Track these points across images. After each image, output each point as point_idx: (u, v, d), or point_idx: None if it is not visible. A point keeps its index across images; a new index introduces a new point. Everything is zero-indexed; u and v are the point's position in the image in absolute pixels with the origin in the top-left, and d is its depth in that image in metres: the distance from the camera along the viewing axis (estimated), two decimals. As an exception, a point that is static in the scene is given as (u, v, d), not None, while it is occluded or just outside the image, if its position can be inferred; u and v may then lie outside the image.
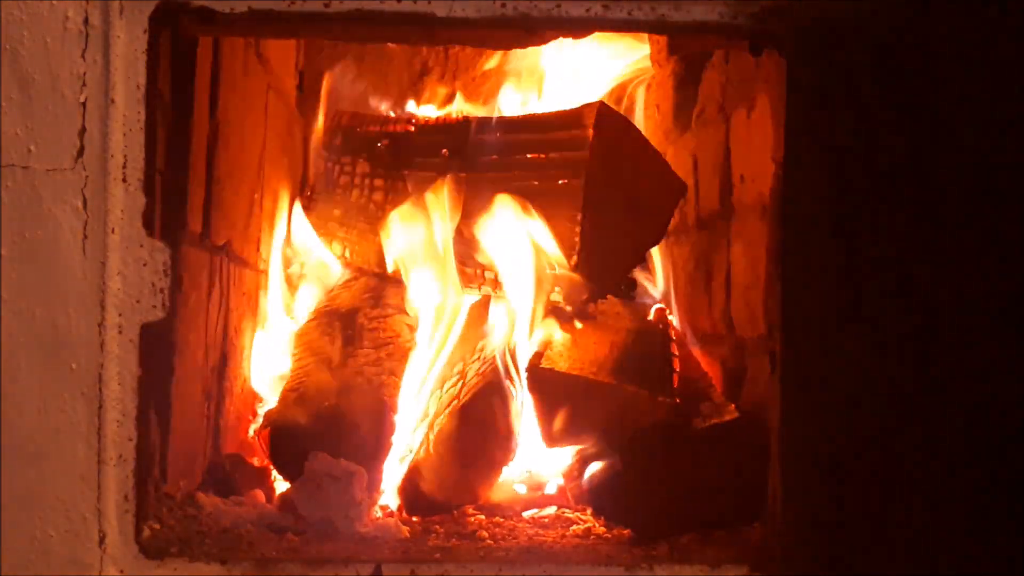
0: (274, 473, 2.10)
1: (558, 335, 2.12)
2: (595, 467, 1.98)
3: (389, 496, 2.03)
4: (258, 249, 2.37)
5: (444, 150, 2.28)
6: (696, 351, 2.36)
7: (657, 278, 2.47)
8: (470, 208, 2.21)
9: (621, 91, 2.77)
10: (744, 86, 2.13)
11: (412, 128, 2.39)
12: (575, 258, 2.14)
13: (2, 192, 1.58)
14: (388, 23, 1.63)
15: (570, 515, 1.98)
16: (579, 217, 2.13)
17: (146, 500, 1.64)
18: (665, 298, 2.43)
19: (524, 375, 2.08)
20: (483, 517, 1.97)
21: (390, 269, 2.29)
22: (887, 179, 1.61)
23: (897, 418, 1.62)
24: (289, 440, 2.02)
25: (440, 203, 2.21)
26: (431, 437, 2.01)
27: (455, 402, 2.04)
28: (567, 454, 2.09)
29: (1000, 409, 1.62)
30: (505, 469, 2.07)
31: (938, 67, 1.61)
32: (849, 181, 1.61)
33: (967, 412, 1.62)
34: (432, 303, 2.26)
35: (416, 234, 2.25)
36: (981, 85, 1.61)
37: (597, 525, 1.91)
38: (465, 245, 2.24)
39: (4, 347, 1.58)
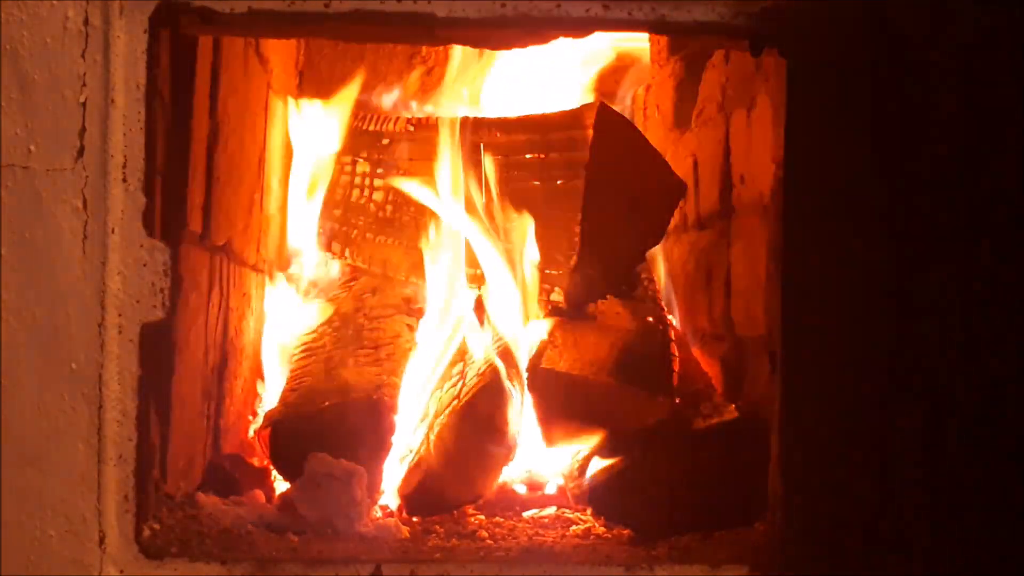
0: (274, 473, 2.09)
1: (558, 335, 2.12)
2: (595, 467, 1.98)
3: (389, 496, 2.03)
4: (258, 249, 2.37)
5: (444, 150, 2.28)
6: (696, 351, 2.36)
7: (657, 278, 2.47)
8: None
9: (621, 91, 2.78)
10: (744, 86, 2.13)
11: (412, 128, 2.39)
12: (575, 258, 2.14)
13: (2, 192, 1.58)
14: (388, 23, 1.63)
15: (570, 515, 1.98)
16: (579, 217, 2.13)
17: (146, 500, 1.64)
18: (665, 298, 2.43)
19: (524, 375, 2.08)
20: (483, 517, 1.97)
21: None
22: (887, 178, 1.61)
23: (897, 418, 1.62)
24: (289, 440, 2.02)
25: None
26: (431, 437, 2.01)
27: (455, 402, 2.04)
28: (567, 454, 2.09)
29: (1003, 408, 1.62)
30: (505, 469, 2.07)
31: (938, 66, 1.61)
32: (849, 180, 1.61)
33: (969, 411, 1.62)
34: (433, 303, 2.27)
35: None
36: (981, 85, 1.61)
37: (597, 525, 1.91)
38: (466, 244, 2.24)
39: (4, 347, 1.58)
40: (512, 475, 2.14)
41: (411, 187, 2.32)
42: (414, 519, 1.96)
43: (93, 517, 1.59)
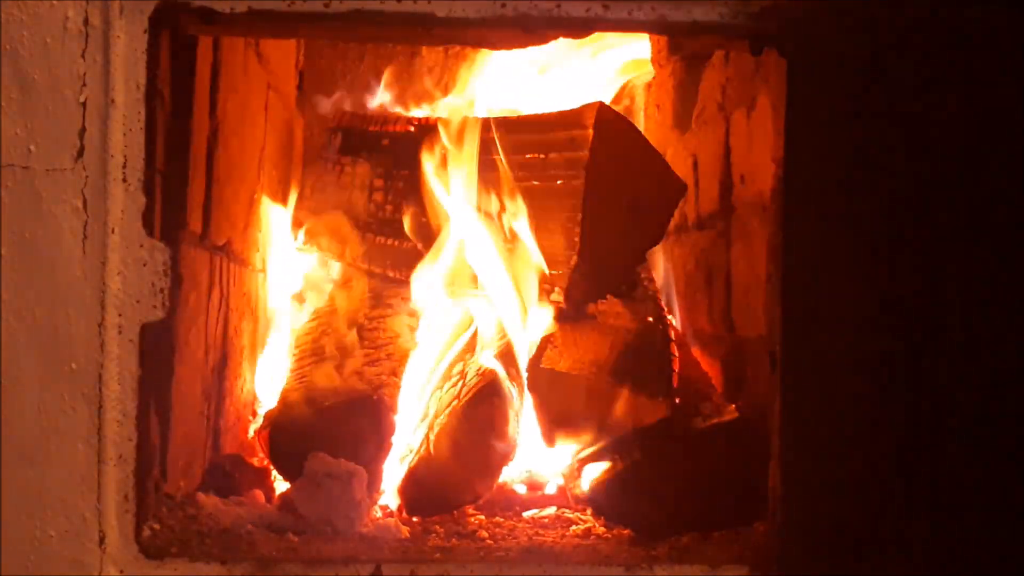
0: (274, 473, 2.10)
1: (558, 335, 2.12)
2: (595, 467, 1.98)
3: (389, 496, 2.03)
4: (258, 249, 2.38)
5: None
6: (696, 351, 2.36)
7: (657, 278, 2.47)
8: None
9: (621, 91, 2.78)
10: (744, 86, 2.13)
11: (412, 128, 2.39)
12: (575, 258, 2.14)
13: (2, 192, 1.58)
14: (388, 23, 1.63)
15: (570, 515, 1.98)
16: (579, 217, 2.13)
17: (146, 500, 1.64)
18: (665, 298, 2.43)
19: (524, 375, 2.08)
20: (483, 517, 1.97)
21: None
22: (887, 178, 1.61)
23: (898, 418, 1.62)
24: (289, 440, 2.02)
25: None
26: (431, 437, 2.01)
27: (455, 402, 2.04)
28: (567, 454, 2.09)
29: (1003, 408, 1.62)
30: (505, 469, 2.07)
31: (937, 66, 1.61)
32: (849, 180, 1.61)
33: (969, 411, 1.62)
34: (434, 303, 2.26)
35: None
36: (981, 84, 1.61)
37: (597, 525, 1.91)
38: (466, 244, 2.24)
39: (4, 347, 1.58)
40: (512, 475, 2.14)
41: (412, 188, 2.32)
42: (414, 519, 1.96)
43: (93, 517, 1.59)
